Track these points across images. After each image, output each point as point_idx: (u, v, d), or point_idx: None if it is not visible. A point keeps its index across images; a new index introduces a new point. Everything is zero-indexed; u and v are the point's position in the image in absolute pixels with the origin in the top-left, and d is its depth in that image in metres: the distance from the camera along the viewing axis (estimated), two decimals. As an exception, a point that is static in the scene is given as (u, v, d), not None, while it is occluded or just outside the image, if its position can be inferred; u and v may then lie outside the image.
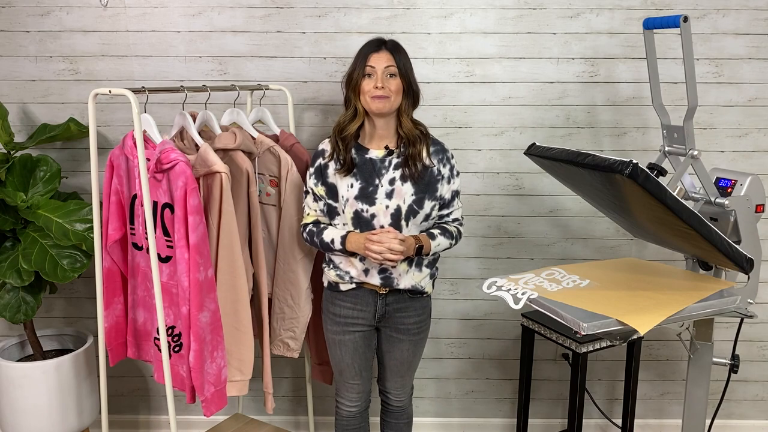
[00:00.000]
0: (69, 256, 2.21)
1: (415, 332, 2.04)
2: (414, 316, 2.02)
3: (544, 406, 2.80)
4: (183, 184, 1.75)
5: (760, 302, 2.66)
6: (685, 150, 1.94)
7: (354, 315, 1.99)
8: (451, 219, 2.03)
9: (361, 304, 1.98)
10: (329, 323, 2.03)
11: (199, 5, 2.44)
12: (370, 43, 1.90)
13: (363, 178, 1.91)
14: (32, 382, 2.30)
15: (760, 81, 2.48)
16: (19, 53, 2.48)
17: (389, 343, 2.06)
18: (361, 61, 1.88)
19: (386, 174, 1.91)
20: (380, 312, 1.98)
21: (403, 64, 1.89)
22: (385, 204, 1.89)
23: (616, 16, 2.44)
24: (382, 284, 1.94)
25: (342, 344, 2.02)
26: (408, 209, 1.90)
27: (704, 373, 2.06)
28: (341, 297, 1.99)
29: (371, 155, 1.93)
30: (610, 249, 2.64)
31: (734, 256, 1.75)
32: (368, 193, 1.90)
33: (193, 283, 1.79)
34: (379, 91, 1.84)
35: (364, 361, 2.05)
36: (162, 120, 2.37)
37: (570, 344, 2.14)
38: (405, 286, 1.95)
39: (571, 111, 2.52)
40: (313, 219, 2.00)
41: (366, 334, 2.03)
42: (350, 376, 2.06)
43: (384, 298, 1.97)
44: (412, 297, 1.99)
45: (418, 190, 1.91)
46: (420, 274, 1.97)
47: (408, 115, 1.92)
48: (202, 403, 1.89)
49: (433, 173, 1.94)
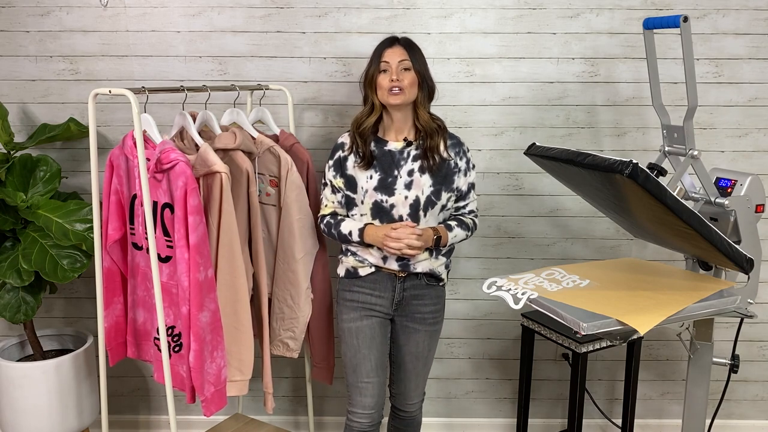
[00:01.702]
0: (69, 256, 2.21)
1: (431, 322, 2.05)
2: (430, 304, 2.03)
3: (544, 406, 2.80)
4: (183, 184, 1.75)
5: (760, 302, 2.66)
6: (685, 150, 1.94)
7: (372, 301, 2.00)
8: (467, 211, 2.07)
9: (379, 289, 2.00)
10: (345, 311, 2.02)
11: (199, 5, 2.44)
12: (384, 41, 1.97)
13: (382, 170, 1.95)
14: (32, 382, 2.30)
15: (760, 81, 2.48)
16: (19, 53, 2.49)
17: (405, 334, 2.05)
18: (376, 58, 1.95)
19: (405, 165, 1.96)
20: (398, 298, 2.00)
21: (417, 59, 1.94)
22: (404, 195, 1.93)
23: (616, 16, 2.44)
24: (400, 269, 1.97)
25: (359, 332, 2.00)
26: (426, 200, 1.94)
27: (704, 373, 2.06)
28: (360, 283, 2.01)
29: (390, 147, 1.98)
30: (610, 249, 2.64)
31: (734, 256, 1.75)
32: (387, 184, 1.94)
33: (193, 283, 1.79)
34: (394, 84, 1.90)
35: (380, 353, 2.01)
36: (162, 120, 2.37)
37: (570, 344, 2.14)
38: (423, 270, 1.98)
39: (571, 111, 2.52)
40: (330, 210, 2.04)
41: (383, 322, 2.03)
42: (365, 372, 1.99)
43: (402, 283, 1.99)
44: (429, 284, 2.02)
45: (436, 182, 1.95)
46: (437, 261, 2.01)
47: (425, 107, 1.97)
48: (202, 403, 1.89)
49: (450, 166, 1.99)
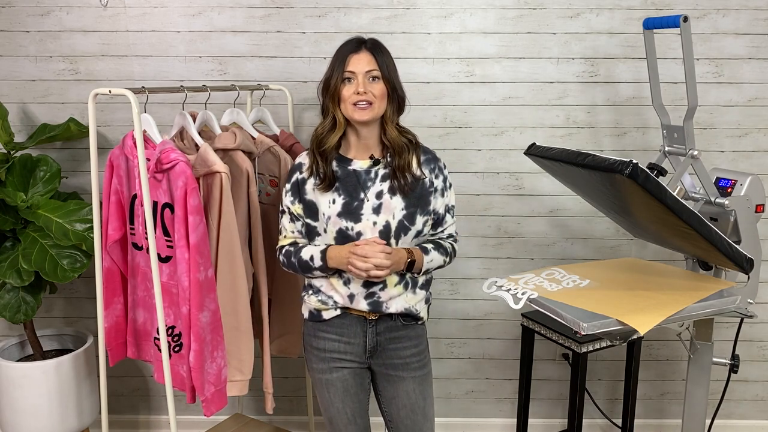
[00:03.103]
0: (69, 256, 2.21)
1: (416, 367, 1.79)
2: (410, 347, 1.78)
3: (544, 406, 2.80)
4: (183, 184, 1.75)
5: (760, 302, 2.66)
6: (685, 150, 1.94)
7: (341, 348, 1.75)
8: (446, 235, 1.82)
9: (347, 335, 1.74)
10: (313, 361, 1.78)
11: (199, 5, 2.44)
12: (348, 44, 1.68)
13: (347, 193, 1.69)
14: (32, 382, 2.30)
15: (760, 81, 2.48)
16: (19, 53, 2.49)
17: (390, 385, 1.79)
18: (339, 65, 1.66)
19: (372, 187, 1.70)
20: (371, 344, 1.75)
21: (387, 66, 1.67)
22: (373, 220, 1.68)
23: (616, 16, 2.44)
24: (370, 310, 1.72)
25: (329, 384, 1.76)
26: (398, 225, 1.69)
27: (704, 373, 2.06)
28: (324, 328, 1.76)
29: (355, 166, 1.72)
30: (610, 249, 2.64)
31: (734, 256, 1.75)
32: (353, 209, 1.68)
33: (193, 283, 1.79)
34: (360, 96, 1.63)
35: (357, 404, 1.79)
36: (162, 120, 2.37)
37: (570, 344, 2.14)
38: (397, 310, 1.73)
39: (571, 111, 2.52)
40: (290, 241, 1.78)
41: (357, 372, 1.78)
42: (342, 425, 1.78)
43: (374, 327, 1.74)
44: (406, 324, 1.77)
45: (409, 204, 1.70)
46: (414, 296, 1.75)
47: (393, 122, 1.71)
48: (202, 403, 1.89)
49: (425, 185, 1.73)
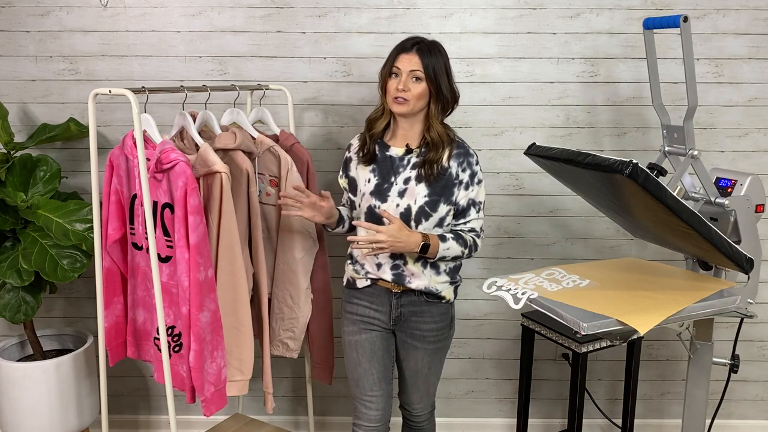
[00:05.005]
0: (69, 256, 2.21)
1: (432, 341, 1.95)
2: (431, 322, 1.93)
3: (544, 406, 2.80)
4: (183, 184, 1.75)
5: (760, 302, 2.66)
6: (685, 150, 1.94)
7: (370, 314, 1.95)
8: (468, 228, 1.91)
9: (376, 303, 1.94)
10: (346, 323, 2.00)
11: (199, 5, 2.44)
12: (404, 43, 1.85)
13: (380, 175, 1.90)
14: (32, 382, 2.30)
15: (760, 81, 2.48)
16: (19, 53, 2.48)
17: (405, 350, 1.99)
18: (390, 60, 1.85)
19: (403, 173, 1.88)
20: (395, 313, 1.93)
21: (433, 68, 1.80)
22: (396, 202, 1.85)
23: (616, 16, 2.44)
24: (394, 281, 1.89)
25: (359, 345, 1.95)
26: (419, 210, 1.84)
27: (704, 373, 2.06)
28: (358, 295, 1.97)
29: (391, 153, 1.91)
30: (610, 249, 2.64)
31: (734, 256, 1.75)
32: (382, 189, 1.88)
33: (193, 283, 1.79)
34: (399, 93, 1.80)
35: (382, 367, 1.96)
36: (162, 120, 2.36)
37: (570, 344, 2.14)
38: (418, 287, 1.89)
39: (571, 111, 2.52)
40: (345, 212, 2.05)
41: (384, 335, 1.96)
42: (368, 386, 1.94)
43: (399, 299, 1.92)
44: (429, 301, 1.92)
45: (432, 192, 1.84)
46: (437, 278, 1.90)
47: (438, 119, 1.86)
48: (202, 403, 1.88)
49: (451, 176, 1.86)
